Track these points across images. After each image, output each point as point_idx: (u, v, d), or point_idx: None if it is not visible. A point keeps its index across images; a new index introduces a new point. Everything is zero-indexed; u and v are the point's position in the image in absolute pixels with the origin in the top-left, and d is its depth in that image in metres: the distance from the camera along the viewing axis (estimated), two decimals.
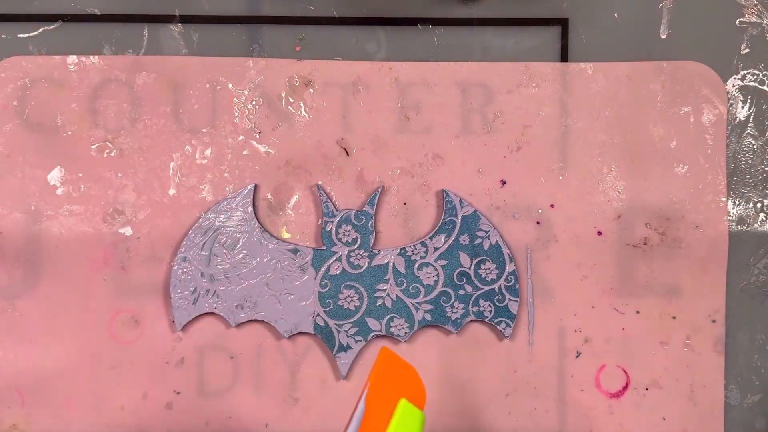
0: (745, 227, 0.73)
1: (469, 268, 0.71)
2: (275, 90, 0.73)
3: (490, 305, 0.71)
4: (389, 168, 0.73)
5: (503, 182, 0.72)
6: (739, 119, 0.73)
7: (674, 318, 0.72)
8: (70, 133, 0.72)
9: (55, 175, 0.72)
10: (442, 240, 0.72)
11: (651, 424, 0.72)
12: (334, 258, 0.72)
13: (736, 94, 0.73)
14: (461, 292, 0.71)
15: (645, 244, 0.72)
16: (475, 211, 0.72)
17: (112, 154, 0.72)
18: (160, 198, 0.72)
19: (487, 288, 0.71)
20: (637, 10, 0.74)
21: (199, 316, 0.72)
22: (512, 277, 0.71)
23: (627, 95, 0.73)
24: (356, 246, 0.72)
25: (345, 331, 0.71)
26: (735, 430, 0.73)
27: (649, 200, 0.72)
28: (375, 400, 0.54)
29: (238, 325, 0.72)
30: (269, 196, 0.73)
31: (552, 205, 0.72)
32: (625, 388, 0.72)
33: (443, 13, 0.74)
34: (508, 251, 0.72)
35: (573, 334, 0.72)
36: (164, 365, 0.72)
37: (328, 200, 0.72)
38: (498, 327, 0.72)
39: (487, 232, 0.71)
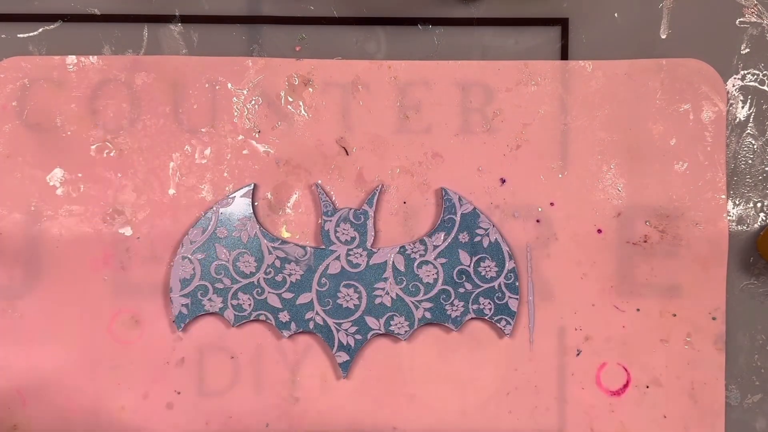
0: (745, 227, 0.73)
1: (469, 266, 0.71)
2: (274, 89, 0.73)
3: (489, 303, 0.71)
4: (389, 167, 0.73)
5: (503, 180, 0.72)
6: (739, 119, 0.73)
7: (674, 315, 0.72)
8: (69, 133, 0.72)
9: (54, 176, 0.72)
10: (442, 238, 0.72)
11: (652, 421, 0.72)
12: (333, 257, 0.72)
13: (736, 94, 0.73)
14: (461, 290, 0.71)
15: (645, 241, 0.72)
16: (475, 208, 0.72)
17: (112, 155, 0.72)
18: (160, 198, 0.72)
19: (486, 286, 0.71)
20: (637, 10, 0.74)
21: (199, 316, 0.72)
22: (512, 274, 0.71)
23: (626, 93, 0.73)
24: (354, 245, 0.72)
25: (344, 329, 0.71)
26: (735, 430, 0.73)
27: (648, 198, 0.72)
28: None
29: (238, 325, 0.72)
30: (269, 196, 0.73)
31: (552, 203, 0.72)
32: (626, 386, 0.72)
33: (443, 13, 0.74)
34: (508, 249, 0.72)
35: (573, 332, 0.72)
36: (164, 365, 0.72)
37: (327, 199, 0.72)
38: (498, 325, 0.72)
39: (486, 229, 0.71)
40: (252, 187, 0.72)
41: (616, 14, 0.74)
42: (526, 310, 0.72)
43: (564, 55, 0.73)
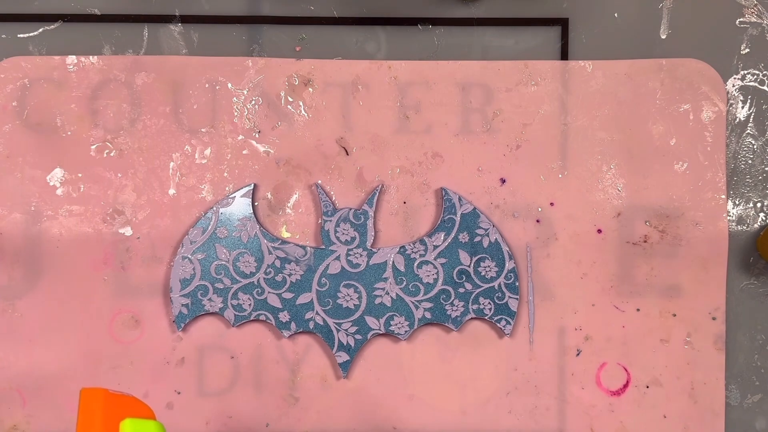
0: (745, 227, 0.73)
1: (469, 266, 0.71)
2: (275, 89, 0.73)
3: (489, 303, 0.71)
4: (389, 167, 0.73)
5: (503, 180, 0.72)
6: (739, 119, 0.73)
7: (674, 315, 0.72)
8: (69, 133, 0.72)
9: (54, 176, 0.72)
10: (442, 238, 0.72)
11: (652, 422, 0.72)
12: (333, 257, 0.72)
13: (736, 94, 0.73)
14: (461, 290, 0.71)
15: (645, 241, 0.72)
16: (475, 208, 0.72)
17: (112, 154, 0.72)
18: (160, 198, 0.72)
19: (486, 286, 0.71)
20: (637, 11, 0.74)
21: (199, 316, 0.72)
22: (512, 274, 0.71)
23: (626, 93, 0.73)
24: (354, 245, 0.72)
25: (344, 329, 0.71)
26: (735, 430, 0.73)
27: (648, 198, 0.72)
28: None
29: (238, 325, 0.72)
30: (269, 196, 0.73)
31: (552, 203, 0.72)
32: (626, 386, 0.72)
33: (443, 13, 0.74)
34: (508, 249, 0.72)
35: (573, 332, 0.72)
36: (164, 365, 0.72)
37: (327, 199, 0.72)
38: (498, 325, 0.72)
39: (486, 229, 0.71)
40: (252, 187, 0.72)
41: (616, 14, 0.74)
42: (526, 310, 0.72)
43: (564, 55, 0.73)
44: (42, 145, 0.72)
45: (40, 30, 0.73)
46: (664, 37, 0.74)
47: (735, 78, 0.74)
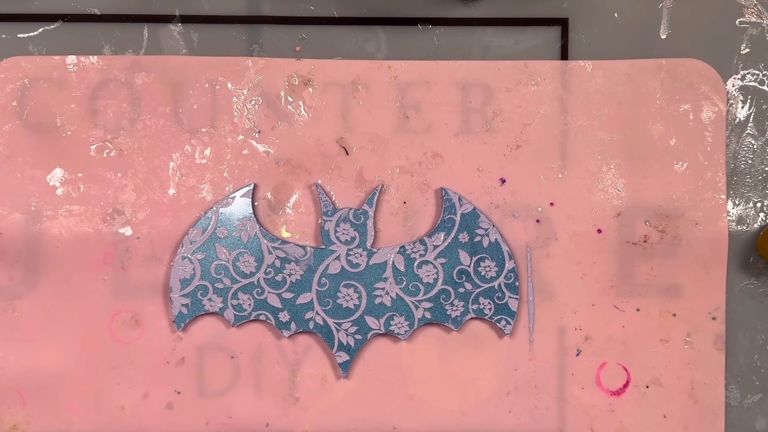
0: (745, 227, 0.73)
1: (469, 266, 0.71)
2: (274, 89, 0.73)
3: (489, 303, 0.71)
4: (389, 167, 0.73)
5: (503, 180, 0.72)
6: (739, 119, 0.73)
7: (674, 315, 0.72)
8: (69, 133, 0.72)
9: (54, 176, 0.72)
10: (442, 238, 0.72)
11: (652, 421, 0.72)
12: (333, 257, 0.72)
13: (736, 94, 0.73)
14: (461, 289, 0.71)
15: (645, 241, 0.72)
16: (474, 208, 0.72)
17: (112, 154, 0.72)
18: (160, 198, 0.72)
19: (486, 285, 0.71)
20: (637, 11, 0.74)
21: (199, 316, 0.72)
22: (512, 274, 0.71)
23: (626, 93, 0.73)
24: (354, 245, 0.72)
25: (344, 329, 0.71)
26: (735, 430, 0.73)
27: (648, 198, 0.72)
28: None
29: (238, 325, 0.72)
30: (269, 196, 0.73)
31: (552, 203, 0.72)
32: (626, 385, 0.72)
33: (443, 13, 0.74)
34: (508, 249, 0.71)
35: (573, 332, 0.72)
36: (164, 365, 0.72)
37: (327, 199, 0.72)
38: (498, 325, 0.72)
39: (486, 229, 0.71)
40: (252, 187, 0.72)
41: (616, 14, 0.74)
42: (526, 309, 0.72)
43: (564, 55, 0.73)
44: (42, 145, 0.72)
45: (40, 30, 0.73)
46: (664, 37, 0.74)
47: (735, 78, 0.74)
